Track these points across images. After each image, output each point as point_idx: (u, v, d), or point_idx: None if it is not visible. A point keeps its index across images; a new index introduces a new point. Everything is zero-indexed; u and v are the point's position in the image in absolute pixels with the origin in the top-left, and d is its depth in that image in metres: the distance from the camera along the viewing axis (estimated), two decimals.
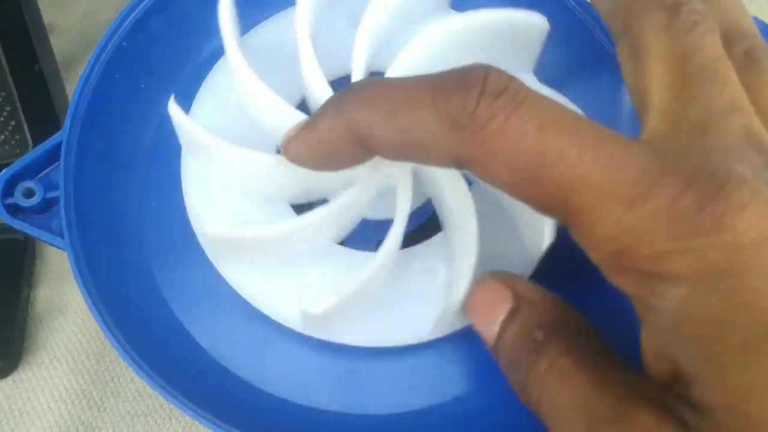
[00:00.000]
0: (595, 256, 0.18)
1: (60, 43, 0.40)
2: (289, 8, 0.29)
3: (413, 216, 0.26)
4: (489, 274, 0.23)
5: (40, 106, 0.36)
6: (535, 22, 0.26)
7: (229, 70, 0.26)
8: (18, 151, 0.35)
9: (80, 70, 0.27)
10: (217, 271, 0.26)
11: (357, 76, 0.25)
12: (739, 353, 0.17)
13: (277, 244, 0.25)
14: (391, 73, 0.25)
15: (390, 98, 0.19)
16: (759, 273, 0.16)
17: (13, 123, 0.36)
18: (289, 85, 0.26)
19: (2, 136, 0.36)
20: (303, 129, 0.21)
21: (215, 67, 0.29)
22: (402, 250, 0.25)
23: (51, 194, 0.27)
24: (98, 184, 0.28)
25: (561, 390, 0.20)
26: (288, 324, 0.25)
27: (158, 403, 0.33)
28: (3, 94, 0.36)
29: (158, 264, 0.27)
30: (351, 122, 0.20)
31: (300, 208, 0.26)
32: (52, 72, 0.37)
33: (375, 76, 0.26)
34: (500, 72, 0.19)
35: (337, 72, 0.28)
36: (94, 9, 0.42)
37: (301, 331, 0.26)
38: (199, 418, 0.23)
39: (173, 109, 0.25)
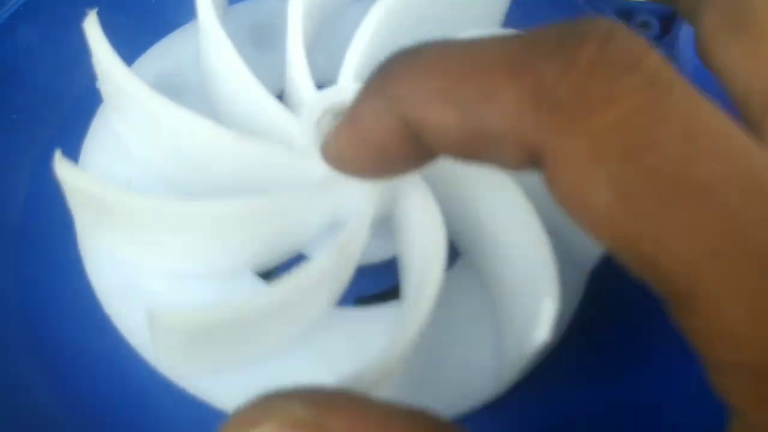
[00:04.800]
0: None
1: None
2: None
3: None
4: (272, 399, 0.13)
5: None
6: None
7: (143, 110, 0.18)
8: None
9: None
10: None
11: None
12: None
13: (270, 319, 0.17)
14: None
15: (450, 66, 0.13)
16: None
17: None
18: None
19: None
20: (343, 122, 0.15)
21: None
22: None
23: None
24: None
25: None
26: None
27: None
28: None
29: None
30: (398, 103, 0.13)
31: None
32: None
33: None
34: (631, 34, 0.12)
35: None
36: None
37: None
38: None
39: (62, 168, 0.17)
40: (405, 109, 0.13)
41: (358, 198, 0.18)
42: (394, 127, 0.14)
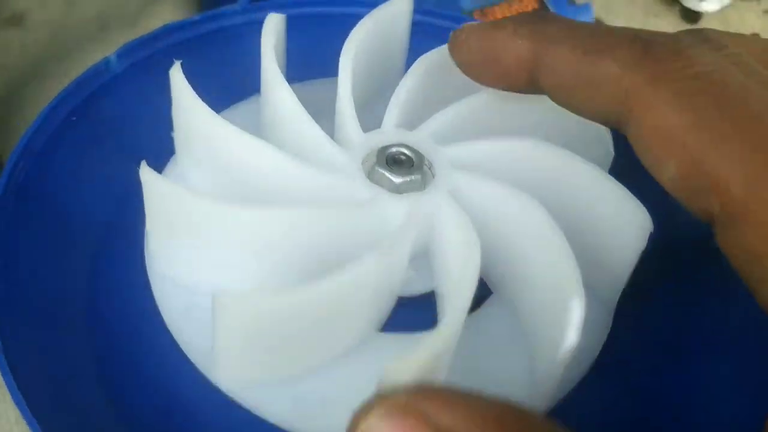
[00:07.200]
0: None
1: (29, 39, 0.31)
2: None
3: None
4: (388, 393, 0.14)
5: None
6: None
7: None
8: None
9: (50, 82, 0.22)
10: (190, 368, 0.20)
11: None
12: None
13: (323, 308, 0.18)
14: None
15: (580, 26, 0.19)
16: None
17: None
18: None
19: None
20: (480, 28, 0.20)
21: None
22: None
23: None
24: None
25: None
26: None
27: None
28: None
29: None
30: (536, 35, 0.18)
31: None
32: None
33: None
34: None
35: None
36: None
37: None
38: None
39: (145, 172, 0.19)
40: (539, 42, 0.18)
41: (400, 217, 0.20)
42: (524, 55, 0.18)
